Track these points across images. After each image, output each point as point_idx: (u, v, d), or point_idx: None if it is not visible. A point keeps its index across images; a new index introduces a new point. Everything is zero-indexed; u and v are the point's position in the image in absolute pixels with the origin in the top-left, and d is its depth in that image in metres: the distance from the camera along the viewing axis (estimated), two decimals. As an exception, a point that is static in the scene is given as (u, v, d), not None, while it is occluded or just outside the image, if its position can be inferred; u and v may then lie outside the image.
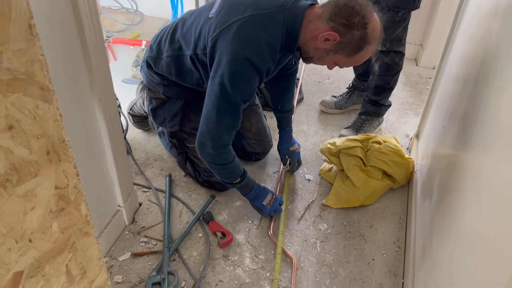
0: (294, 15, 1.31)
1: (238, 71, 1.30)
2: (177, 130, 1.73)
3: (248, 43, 1.28)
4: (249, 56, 1.28)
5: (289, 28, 1.31)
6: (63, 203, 0.81)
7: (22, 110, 0.66)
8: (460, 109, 1.30)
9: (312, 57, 1.38)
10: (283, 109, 1.78)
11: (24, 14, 0.61)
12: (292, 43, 1.34)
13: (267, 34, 1.29)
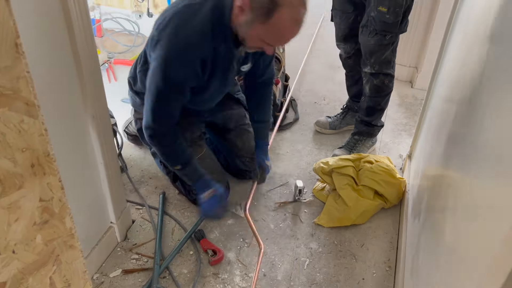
0: (221, 4, 1.34)
1: (168, 59, 1.35)
2: None
3: (178, 31, 1.34)
4: (176, 44, 1.34)
5: (216, 13, 1.34)
6: (47, 216, 0.83)
7: (7, 124, 0.70)
8: (445, 130, 1.33)
9: (244, 39, 1.36)
10: (259, 118, 1.81)
11: (11, 33, 0.64)
12: (222, 28, 1.35)
13: (196, 21, 1.34)
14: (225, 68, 1.50)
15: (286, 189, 1.93)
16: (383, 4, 1.72)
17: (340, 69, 2.31)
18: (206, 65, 1.42)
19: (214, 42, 1.38)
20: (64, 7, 1.11)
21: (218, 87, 1.57)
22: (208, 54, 1.39)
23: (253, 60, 1.61)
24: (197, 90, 1.50)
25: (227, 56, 1.45)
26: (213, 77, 1.48)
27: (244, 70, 1.62)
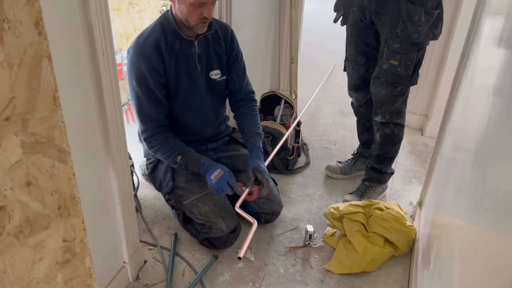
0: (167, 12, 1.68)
1: (131, 61, 1.64)
2: (172, 188, 1.80)
3: (135, 41, 1.65)
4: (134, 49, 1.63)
5: (163, 20, 1.65)
6: (69, 255, 0.88)
7: (40, 169, 0.76)
8: (454, 178, 1.36)
9: (186, 19, 1.58)
10: (249, 130, 1.85)
11: (51, 87, 0.72)
12: (171, 27, 1.63)
13: (148, 29, 1.66)
14: (188, 65, 1.70)
15: (296, 233, 1.95)
16: (395, 57, 1.80)
17: (351, 115, 2.37)
18: (164, 58, 1.64)
19: (168, 40, 1.64)
20: (93, 55, 1.20)
21: (188, 87, 1.73)
22: (164, 48, 1.63)
23: (221, 68, 1.79)
24: (169, 87, 1.70)
25: (184, 51, 1.68)
26: (180, 74, 1.69)
27: (214, 78, 1.78)
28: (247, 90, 1.91)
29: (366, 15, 1.87)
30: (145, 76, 1.62)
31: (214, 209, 1.74)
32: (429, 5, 1.70)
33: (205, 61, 1.75)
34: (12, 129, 0.69)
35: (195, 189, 1.77)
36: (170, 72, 1.67)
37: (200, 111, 1.82)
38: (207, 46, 1.73)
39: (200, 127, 1.86)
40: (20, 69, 0.67)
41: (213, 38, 1.74)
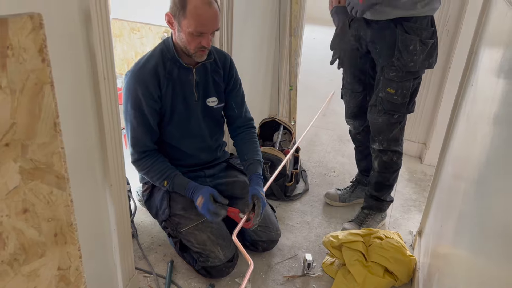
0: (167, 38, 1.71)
1: (128, 84, 1.66)
2: (169, 215, 1.78)
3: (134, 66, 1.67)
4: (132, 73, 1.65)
5: (163, 47, 1.68)
6: (63, 284, 0.86)
7: (38, 196, 0.75)
8: (454, 207, 1.35)
9: (186, 47, 1.60)
10: (248, 157, 1.84)
11: (52, 114, 0.71)
12: (170, 54, 1.66)
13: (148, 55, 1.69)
14: (185, 92, 1.72)
15: (295, 262, 1.92)
16: (391, 86, 1.82)
17: (350, 142, 2.37)
18: (161, 84, 1.66)
19: (166, 66, 1.66)
20: (95, 80, 1.20)
21: (184, 114, 1.74)
22: (161, 74, 1.65)
23: (218, 95, 1.80)
24: (164, 113, 1.71)
25: (182, 78, 1.69)
26: (176, 101, 1.70)
27: (211, 105, 1.80)
28: (246, 117, 1.93)
29: (362, 44, 1.90)
30: (140, 100, 1.64)
31: (212, 237, 1.72)
32: (423, 35, 1.73)
33: (202, 89, 1.76)
34: (11, 155, 0.68)
35: (193, 217, 1.75)
36: (166, 98, 1.69)
37: (196, 138, 1.82)
38: (205, 73, 1.75)
39: (196, 153, 1.86)
40: (22, 95, 0.66)
41: (212, 66, 1.76)
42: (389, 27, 1.76)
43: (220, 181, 1.90)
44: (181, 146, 1.81)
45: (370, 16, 1.78)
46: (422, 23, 1.73)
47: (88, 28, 1.13)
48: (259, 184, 1.76)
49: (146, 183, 1.90)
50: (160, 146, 1.79)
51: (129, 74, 1.67)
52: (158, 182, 1.74)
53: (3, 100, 0.64)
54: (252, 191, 1.73)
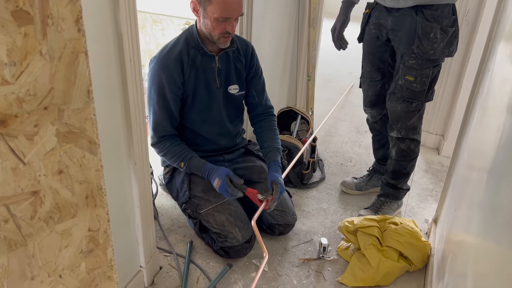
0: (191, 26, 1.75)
1: (152, 70, 1.71)
2: (189, 197, 1.85)
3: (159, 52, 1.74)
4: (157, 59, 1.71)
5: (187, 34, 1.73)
6: (92, 245, 0.92)
7: (72, 158, 0.81)
8: (467, 195, 1.37)
9: (210, 34, 1.65)
10: (268, 144, 1.89)
11: (86, 81, 0.77)
12: (194, 41, 1.71)
13: (172, 41, 1.74)
14: (207, 78, 1.77)
15: (310, 246, 1.96)
16: (410, 73, 1.83)
17: (367, 133, 2.40)
18: (184, 71, 1.71)
19: (190, 53, 1.71)
20: (121, 61, 1.26)
21: (206, 100, 1.80)
22: (185, 61, 1.71)
23: (239, 83, 1.85)
24: (186, 99, 1.77)
25: (205, 65, 1.75)
26: (198, 87, 1.76)
27: (232, 92, 1.85)
28: (266, 105, 1.97)
29: (383, 32, 1.92)
30: (163, 86, 1.70)
31: (230, 218, 1.77)
32: (444, 23, 1.74)
33: (225, 76, 1.81)
34: (49, 118, 0.74)
35: (212, 199, 1.81)
36: (188, 84, 1.74)
37: (217, 124, 1.88)
38: (227, 61, 1.80)
39: (216, 138, 1.92)
40: (59, 62, 0.72)
41: (234, 54, 1.81)
42: (410, 14, 1.77)
43: (238, 166, 1.96)
44: (202, 131, 1.87)
45: (390, 3, 1.80)
46: (443, 11, 1.74)
47: (116, 10, 1.18)
48: (277, 171, 1.81)
49: (167, 166, 1.97)
50: (181, 131, 1.86)
51: (154, 61, 1.73)
52: (176, 164, 1.81)
53: (43, 66, 0.70)
54: (271, 178, 1.77)
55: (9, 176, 0.71)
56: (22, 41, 0.66)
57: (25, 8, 0.64)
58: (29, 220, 0.77)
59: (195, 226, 1.89)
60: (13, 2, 0.63)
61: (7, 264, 0.76)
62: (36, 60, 0.69)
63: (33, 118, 0.71)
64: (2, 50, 0.64)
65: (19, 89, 0.68)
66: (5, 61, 0.65)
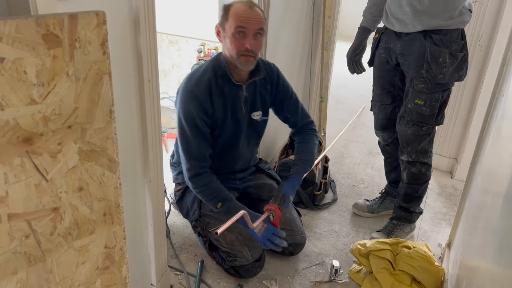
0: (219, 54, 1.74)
1: (181, 99, 1.68)
2: (199, 216, 1.85)
3: (188, 80, 1.71)
4: (185, 90, 1.68)
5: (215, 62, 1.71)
6: (108, 262, 0.93)
7: (92, 176, 0.83)
8: (482, 220, 1.35)
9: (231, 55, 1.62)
10: (298, 157, 1.90)
11: (108, 101, 0.80)
12: (222, 70, 1.69)
13: (201, 70, 1.72)
14: (234, 108, 1.75)
15: (322, 268, 1.94)
16: (420, 97, 1.84)
17: (380, 155, 2.39)
18: (213, 100, 1.68)
19: (218, 82, 1.69)
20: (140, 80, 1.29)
21: (232, 128, 1.78)
22: (214, 91, 1.68)
23: (263, 109, 1.85)
24: (214, 128, 1.75)
25: (232, 94, 1.73)
26: (226, 116, 1.74)
27: (256, 118, 1.84)
28: (303, 121, 1.97)
29: (392, 56, 1.94)
30: (193, 115, 1.66)
31: (240, 237, 1.77)
32: (453, 48, 1.75)
33: (250, 103, 1.81)
34: (72, 136, 0.77)
35: (222, 217, 1.80)
36: (217, 113, 1.72)
37: (237, 149, 1.87)
38: (254, 90, 1.80)
39: (232, 163, 1.92)
40: (84, 83, 0.75)
41: (261, 82, 1.81)
42: (419, 39, 1.79)
43: (249, 184, 1.98)
44: (221, 157, 1.85)
45: (400, 28, 1.83)
46: (452, 36, 1.76)
47: (137, 33, 1.22)
48: (292, 186, 1.81)
49: (180, 184, 1.98)
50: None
51: (181, 91, 1.71)
52: (212, 202, 1.74)
53: (69, 87, 0.73)
54: (284, 190, 1.78)
55: (32, 192, 0.74)
56: (51, 63, 0.69)
57: (55, 31, 0.68)
58: (49, 236, 0.79)
59: (205, 244, 1.89)
60: (44, 26, 0.66)
61: (25, 279, 0.78)
62: (63, 81, 0.72)
63: (57, 137, 0.74)
64: (32, 72, 0.67)
65: (46, 109, 0.71)
66: (34, 82, 0.68)
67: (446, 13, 1.72)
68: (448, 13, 1.72)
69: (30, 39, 0.65)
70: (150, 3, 1.19)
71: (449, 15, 1.72)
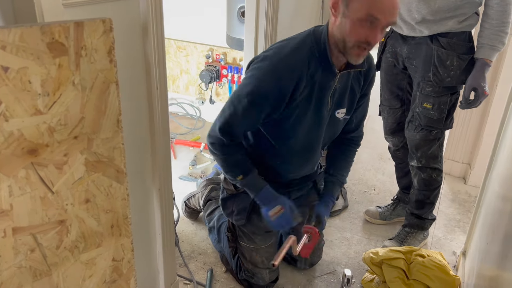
0: (318, 31, 1.40)
1: (258, 74, 1.36)
2: (242, 224, 1.68)
3: (279, 50, 1.38)
4: (270, 63, 1.35)
5: (313, 38, 1.38)
6: (116, 275, 0.91)
7: (99, 187, 0.80)
8: (501, 228, 1.31)
9: (344, 40, 1.30)
10: (333, 172, 1.69)
11: (115, 111, 0.77)
12: (320, 50, 1.36)
13: (295, 42, 1.38)
14: (321, 98, 1.43)
15: (333, 277, 1.90)
16: (427, 101, 1.81)
17: (390, 161, 2.35)
18: (299, 87, 1.37)
19: (311, 65, 1.37)
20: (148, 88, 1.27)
21: (311, 122, 1.47)
22: (304, 73, 1.36)
23: (349, 106, 1.55)
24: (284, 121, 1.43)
25: (323, 82, 1.40)
26: (308, 106, 1.42)
27: (339, 116, 1.53)
28: (358, 133, 1.74)
29: (399, 60, 1.91)
30: (263, 96, 1.37)
31: (265, 261, 1.72)
32: (461, 51, 1.73)
33: (338, 97, 1.49)
34: (79, 147, 0.74)
35: (257, 241, 1.72)
36: (298, 103, 1.40)
37: (310, 151, 1.58)
38: (346, 81, 1.48)
39: (300, 168, 1.64)
40: (91, 92, 0.73)
41: (355, 72, 1.50)
42: (425, 42, 1.76)
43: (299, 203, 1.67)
44: (290, 158, 1.58)
45: (407, 31, 1.80)
46: (459, 38, 1.73)
47: (145, 40, 1.20)
48: (326, 205, 1.64)
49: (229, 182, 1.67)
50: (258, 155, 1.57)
51: (265, 60, 1.38)
52: (232, 174, 1.51)
53: (75, 96, 0.71)
54: (318, 210, 1.61)
55: (37, 205, 0.71)
56: (56, 72, 0.67)
57: (60, 40, 0.66)
58: (55, 249, 0.77)
59: (229, 248, 1.80)
60: (49, 34, 0.64)
61: (31, 294, 0.76)
62: (68, 90, 0.69)
63: (63, 148, 0.72)
64: (36, 81, 0.65)
65: (51, 119, 0.69)
66: (38, 92, 0.66)
67: (455, 19, 1.70)
68: (456, 19, 1.70)
69: (35, 47, 0.63)
70: (158, 10, 1.17)
71: (456, 20, 1.70)
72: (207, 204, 2.07)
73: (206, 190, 2.11)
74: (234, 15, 2.58)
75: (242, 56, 2.93)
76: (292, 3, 2.27)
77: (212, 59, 3.06)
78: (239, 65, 2.99)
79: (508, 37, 1.72)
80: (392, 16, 1.25)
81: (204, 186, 2.14)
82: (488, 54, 1.71)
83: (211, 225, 1.97)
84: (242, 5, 2.49)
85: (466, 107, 1.79)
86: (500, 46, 1.70)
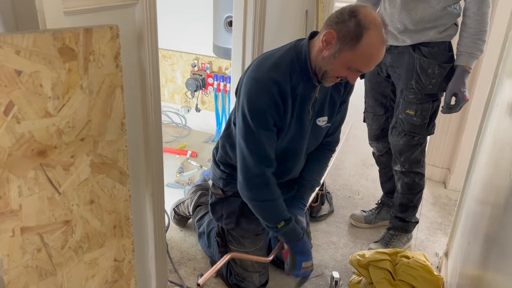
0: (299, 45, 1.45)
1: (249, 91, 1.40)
2: (232, 228, 1.73)
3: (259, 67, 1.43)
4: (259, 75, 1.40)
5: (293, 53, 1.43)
6: (117, 276, 0.93)
7: (103, 188, 0.83)
8: (481, 230, 1.37)
9: (326, 71, 1.38)
10: (306, 176, 1.75)
11: (120, 114, 0.80)
12: (300, 65, 1.41)
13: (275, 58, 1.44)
14: (302, 109, 1.50)
15: (321, 280, 1.94)
16: (410, 108, 1.89)
17: (373, 166, 2.42)
18: (285, 99, 1.42)
19: (293, 79, 1.42)
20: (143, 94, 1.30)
21: (294, 133, 1.54)
22: (287, 88, 1.41)
23: (330, 114, 1.61)
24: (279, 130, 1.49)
25: (305, 94, 1.46)
26: (293, 117, 1.49)
27: (320, 124, 1.60)
28: (334, 138, 1.78)
29: (383, 69, 1.99)
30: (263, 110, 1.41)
31: (255, 265, 1.75)
32: (441, 60, 1.81)
33: (318, 107, 1.56)
34: (85, 149, 0.77)
35: (247, 244, 1.76)
36: (286, 114, 1.47)
37: (294, 158, 1.65)
38: (326, 91, 1.55)
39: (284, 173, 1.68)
40: (97, 96, 0.76)
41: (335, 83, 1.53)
42: (408, 51, 1.85)
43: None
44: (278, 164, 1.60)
45: (391, 41, 1.87)
46: (440, 48, 1.82)
47: (140, 48, 1.23)
48: (298, 208, 1.70)
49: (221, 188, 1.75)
50: None
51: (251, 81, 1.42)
52: (273, 221, 1.52)
53: (83, 99, 0.74)
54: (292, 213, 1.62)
55: (45, 205, 0.73)
56: (66, 76, 0.70)
57: (70, 45, 0.68)
58: (60, 249, 0.79)
59: (219, 253, 1.82)
60: (61, 40, 0.67)
61: (37, 294, 0.77)
62: (77, 94, 0.72)
63: (70, 149, 0.74)
64: (47, 85, 0.68)
65: (60, 121, 0.71)
66: (49, 95, 0.68)
67: (435, 29, 1.79)
68: (437, 29, 1.79)
69: (47, 52, 0.66)
70: (153, 19, 1.20)
71: (437, 30, 1.79)
72: (197, 209, 2.09)
73: (196, 196, 2.13)
74: (221, 25, 2.62)
75: (228, 65, 2.97)
76: (277, 13, 2.34)
77: (198, 68, 3.09)
78: (224, 73, 3.03)
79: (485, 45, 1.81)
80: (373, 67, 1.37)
81: (193, 192, 2.16)
82: (467, 61, 1.79)
83: (201, 230, 1.99)
84: (228, 15, 2.54)
85: (448, 112, 1.87)
86: (478, 53, 1.79)
